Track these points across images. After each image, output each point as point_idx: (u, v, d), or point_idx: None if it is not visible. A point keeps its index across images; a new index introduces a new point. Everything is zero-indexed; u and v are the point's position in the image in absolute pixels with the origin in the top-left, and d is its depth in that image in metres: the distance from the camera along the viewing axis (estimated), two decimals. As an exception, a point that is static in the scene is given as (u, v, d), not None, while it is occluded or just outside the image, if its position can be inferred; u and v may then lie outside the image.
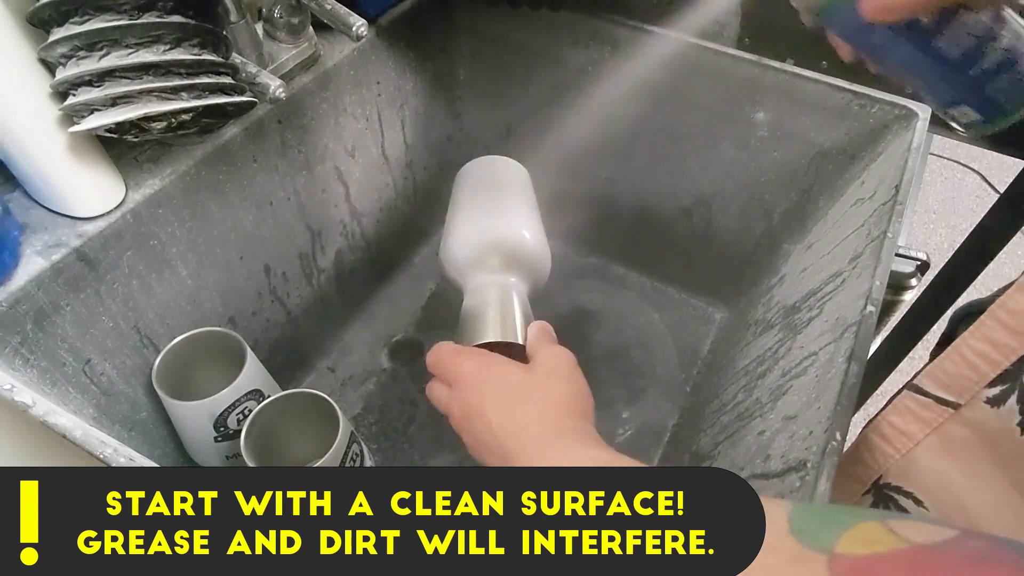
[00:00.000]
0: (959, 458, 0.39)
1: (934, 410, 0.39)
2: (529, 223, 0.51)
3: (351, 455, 0.46)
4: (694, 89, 0.59)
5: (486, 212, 0.51)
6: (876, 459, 0.43)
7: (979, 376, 0.37)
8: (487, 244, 0.48)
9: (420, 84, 0.65)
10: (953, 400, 0.38)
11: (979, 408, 0.37)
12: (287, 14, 0.49)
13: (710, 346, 0.67)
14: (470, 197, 0.54)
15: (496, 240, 0.48)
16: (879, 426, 0.43)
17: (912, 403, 0.40)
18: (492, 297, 0.45)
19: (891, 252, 0.43)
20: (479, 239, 0.49)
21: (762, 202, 0.62)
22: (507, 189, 0.54)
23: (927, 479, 0.40)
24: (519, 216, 0.51)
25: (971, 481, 0.38)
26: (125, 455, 0.32)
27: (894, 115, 0.52)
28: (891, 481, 0.42)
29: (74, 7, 0.35)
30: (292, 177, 0.54)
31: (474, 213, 0.52)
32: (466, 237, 0.49)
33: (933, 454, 0.40)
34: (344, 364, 0.65)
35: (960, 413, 0.38)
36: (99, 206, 0.41)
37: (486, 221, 0.50)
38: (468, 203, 0.53)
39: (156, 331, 0.46)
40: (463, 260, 0.48)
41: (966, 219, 1.60)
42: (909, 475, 0.41)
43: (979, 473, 0.38)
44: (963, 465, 0.39)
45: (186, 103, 0.39)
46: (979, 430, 0.38)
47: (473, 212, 0.52)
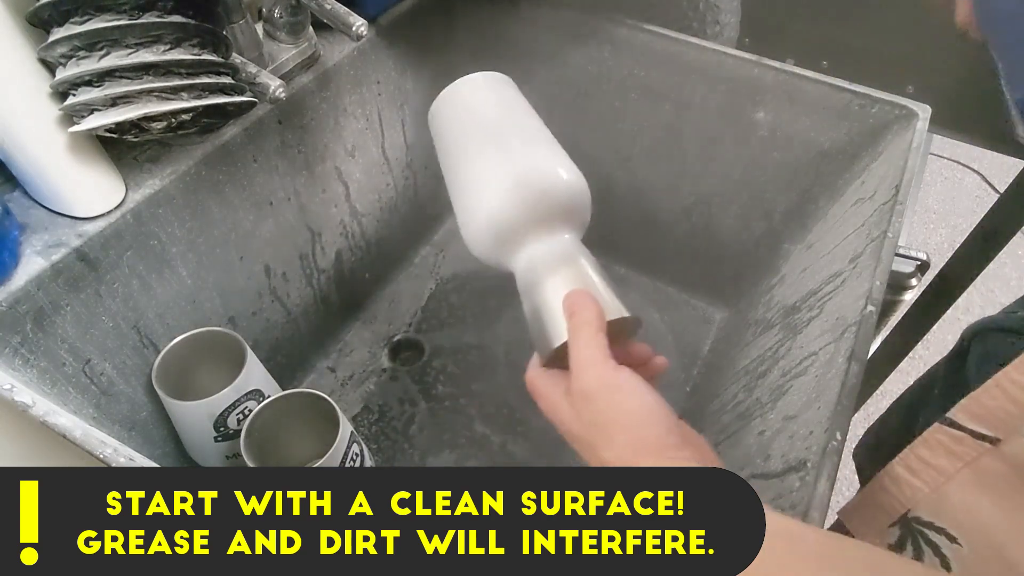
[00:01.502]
0: (996, 494, 0.38)
1: (968, 444, 0.38)
2: (556, 154, 0.39)
3: (351, 455, 0.46)
4: (694, 89, 0.59)
5: (499, 163, 0.38)
6: (903, 492, 0.42)
7: (1020, 411, 0.36)
8: (526, 206, 0.36)
9: (420, 84, 0.65)
10: (991, 435, 0.38)
11: (1019, 443, 0.36)
12: (287, 14, 0.49)
13: (710, 346, 0.67)
14: (465, 146, 0.41)
15: (535, 196, 0.36)
16: (907, 459, 0.42)
17: (944, 437, 0.39)
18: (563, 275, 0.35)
19: (891, 252, 0.43)
20: (512, 203, 0.36)
21: (762, 202, 0.62)
22: (508, 117, 0.41)
23: (960, 515, 0.39)
24: (543, 149, 0.39)
25: (1009, 517, 0.37)
26: (125, 455, 0.32)
27: (894, 115, 0.52)
28: (921, 515, 0.41)
29: (74, 7, 0.35)
30: (292, 177, 0.54)
31: (484, 168, 0.38)
32: (490, 203, 0.37)
33: (966, 489, 0.39)
34: (344, 364, 0.65)
35: (998, 448, 0.37)
36: (99, 206, 0.41)
37: (505, 172, 0.37)
38: (468, 155, 0.40)
39: (156, 331, 0.46)
40: (498, 234, 0.37)
41: (966, 219, 1.60)
42: (941, 510, 0.40)
43: (1018, 508, 0.37)
44: (1000, 501, 0.38)
45: (186, 103, 0.39)
46: (1018, 465, 0.37)
47: (482, 167, 0.39)
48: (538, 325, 0.34)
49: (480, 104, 0.42)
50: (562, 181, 0.37)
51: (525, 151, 0.38)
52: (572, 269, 0.35)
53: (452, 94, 0.42)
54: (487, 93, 0.42)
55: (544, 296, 0.34)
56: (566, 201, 0.37)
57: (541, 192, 0.36)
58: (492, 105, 0.42)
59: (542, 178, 0.37)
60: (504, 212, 0.36)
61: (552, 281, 0.35)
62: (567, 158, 0.39)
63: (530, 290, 0.36)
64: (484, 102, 0.42)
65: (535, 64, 0.64)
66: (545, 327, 0.34)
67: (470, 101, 0.42)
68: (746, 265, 0.66)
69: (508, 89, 0.43)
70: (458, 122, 0.41)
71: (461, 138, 0.41)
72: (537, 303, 0.35)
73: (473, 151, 0.39)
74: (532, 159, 0.38)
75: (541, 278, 0.35)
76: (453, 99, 0.42)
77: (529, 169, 0.37)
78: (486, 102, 0.42)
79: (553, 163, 0.38)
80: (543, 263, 0.36)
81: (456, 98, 0.42)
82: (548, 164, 0.38)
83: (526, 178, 0.36)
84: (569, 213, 0.37)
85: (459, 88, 0.42)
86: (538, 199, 0.36)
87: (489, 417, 0.61)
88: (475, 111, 0.41)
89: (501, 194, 0.36)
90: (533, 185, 0.36)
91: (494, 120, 0.41)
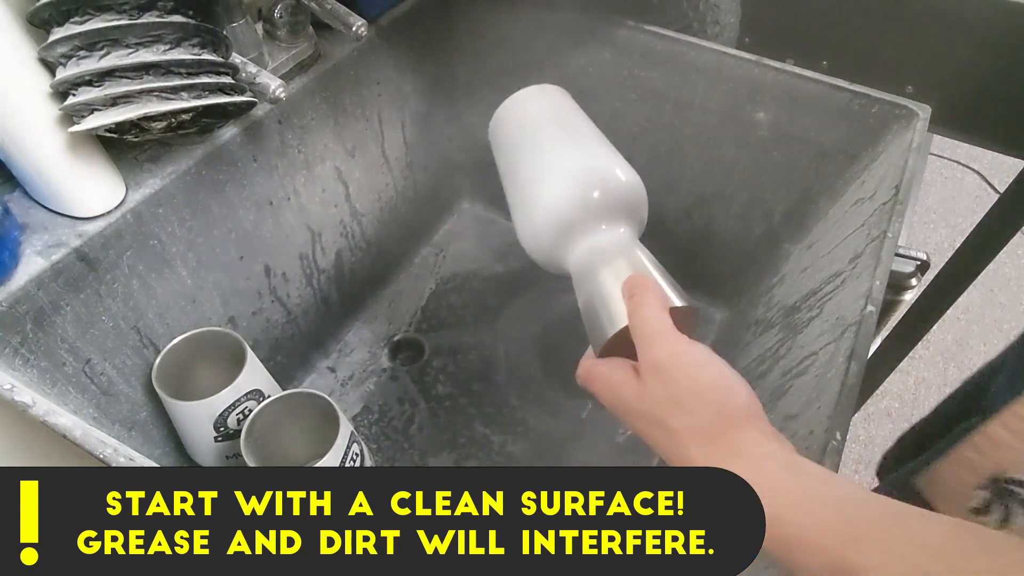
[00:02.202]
0: None
1: None
2: (612, 154, 0.42)
3: (351, 455, 0.46)
4: (694, 89, 0.59)
5: (560, 161, 0.41)
6: (999, 453, 0.40)
7: None
8: (584, 199, 0.38)
9: (420, 84, 0.65)
10: None
11: None
12: (287, 14, 0.49)
13: (710, 346, 0.67)
14: (526, 149, 0.43)
15: (593, 191, 0.38)
16: (1006, 420, 0.40)
17: None
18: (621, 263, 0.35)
19: (891, 252, 0.43)
20: (571, 197, 0.38)
21: (762, 202, 0.62)
22: (566, 123, 0.44)
23: None
24: (600, 150, 0.42)
25: None
26: (125, 455, 0.32)
27: (894, 115, 0.52)
28: (1015, 475, 0.39)
29: (74, 7, 0.35)
30: (292, 177, 0.54)
31: (545, 168, 0.41)
32: (552, 201, 0.39)
33: None
34: (344, 364, 0.65)
35: None
36: (99, 206, 0.41)
37: (568, 170, 0.40)
38: (528, 157, 0.42)
39: (156, 331, 0.46)
40: (557, 227, 0.38)
41: (966, 219, 1.60)
42: None
43: None
44: None
45: (186, 103, 0.39)
46: None
47: (542, 168, 0.41)
48: (593, 313, 0.34)
49: (544, 110, 0.45)
50: (617, 177, 0.39)
51: (586, 150, 0.41)
52: (629, 259, 0.36)
53: (517, 102, 0.46)
54: (546, 102, 0.46)
55: (601, 282, 0.35)
56: (622, 196, 0.39)
57: (599, 186, 0.38)
58: (551, 112, 0.45)
59: (600, 174, 0.39)
60: (563, 205, 0.38)
61: (610, 268, 0.35)
62: (623, 159, 0.41)
63: (586, 279, 0.36)
64: (544, 110, 0.45)
65: (535, 65, 0.64)
66: (602, 313, 0.33)
67: (531, 109, 0.46)
68: (746, 265, 0.66)
69: (565, 99, 0.47)
70: (519, 129, 0.45)
71: (527, 140, 0.43)
72: (593, 290, 0.35)
73: (538, 150, 0.42)
74: (590, 158, 0.40)
75: (598, 267, 0.36)
76: (515, 108, 0.46)
77: (588, 166, 0.40)
78: (546, 110, 0.45)
79: (609, 161, 0.40)
80: (600, 254, 0.37)
81: (517, 107, 0.46)
82: (604, 161, 0.40)
83: (585, 174, 0.39)
84: (625, 209, 0.39)
85: (522, 96, 0.46)
86: (597, 193, 0.38)
87: (489, 417, 0.61)
88: (536, 118, 0.45)
89: (561, 189, 0.38)
90: (592, 179, 0.39)
91: (558, 124, 0.44)
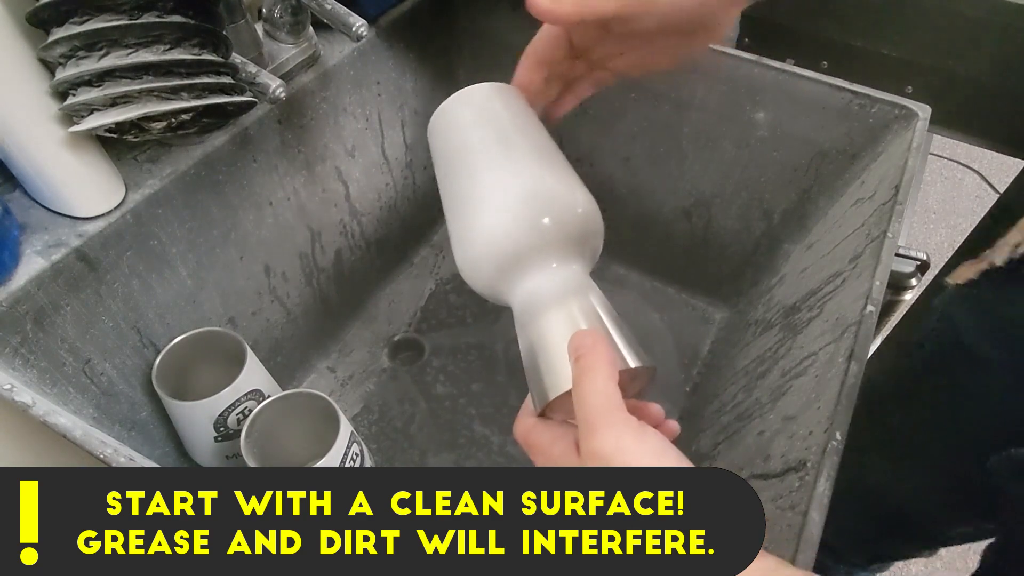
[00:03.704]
0: None
1: None
2: (568, 175, 0.34)
3: (351, 455, 0.46)
4: (694, 89, 0.59)
5: (500, 182, 0.33)
6: None
7: None
8: (529, 230, 0.31)
9: (420, 84, 0.65)
10: None
11: None
12: (287, 14, 0.49)
13: (710, 346, 0.67)
14: (466, 162, 0.35)
15: (539, 220, 0.31)
16: None
17: None
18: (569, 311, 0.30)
19: (891, 252, 0.43)
20: (513, 227, 0.31)
21: (762, 202, 0.62)
22: (511, 132, 0.35)
23: None
24: (550, 170, 0.34)
25: None
26: (125, 455, 0.32)
27: (894, 115, 0.52)
28: None
29: (74, 7, 0.35)
30: (292, 177, 0.54)
31: (487, 186, 0.33)
32: (491, 232, 0.32)
33: None
34: (344, 364, 0.65)
35: None
36: (99, 206, 0.41)
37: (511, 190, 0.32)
38: (464, 174, 0.35)
39: (156, 331, 0.46)
40: (498, 259, 0.32)
41: (966, 219, 1.60)
42: None
43: None
44: None
45: (186, 103, 0.39)
46: None
47: (481, 189, 0.34)
48: (534, 367, 0.29)
49: (485, 117, 0.36)
50: (574, 204, 0.32)
51: (534, 169, 0.33)
52: (579, 305, 0.30)
53: (455, 105, 0.37)
54: (493, 105, 0.36)
55: (545, 333, 0.29)
56: (579, 227, 0.32)
57: (550, 214, 0.31)
58: (498, 119, 0.36)
59: (552, 199, 0.32)
60: (507, 235, 0.31)
61: (555, 317, 0.30)
62: (579, 180, 0.35)
63: (529, 325, 0.31)
64: (489, 115, 0.36)
65: (535, 64, 0.64)
66: (544, 371, 0.29)
67: (474, 113, 0.36)
68: (746, 265, 0.66)
69: (517, 102, 0.37)
70: (460, 136, 0.36)
71: (462, 153, 0.35)
72: (536, 341, 0.30)
73: (475, 168, 0.34)
74: (542, 178, 0.33)
75: (543, 312, 0.30)
76: (455, 110, 0.37)
77: (538, 188, 0.32)
78: (492, 115, 0.36)
79: (565, 184, 0.33)
80: (547, 296, 0.31)
81: (459, 109, 0.37)
82: (559, 185, 0.33)
83: (535, 198, 0.32)
84: (580, 241, 0.33)
85: (462, 98, 0.37)
86: (547, 222, 0.31)
87: (489, 417, 0.61)
88: (479, 124, 0.36)
89: (505, 214, 0.32)
90: (541, 206, 0.31)
91: (500, 135, 0.35)
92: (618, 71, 0.38)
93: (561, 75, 0.38)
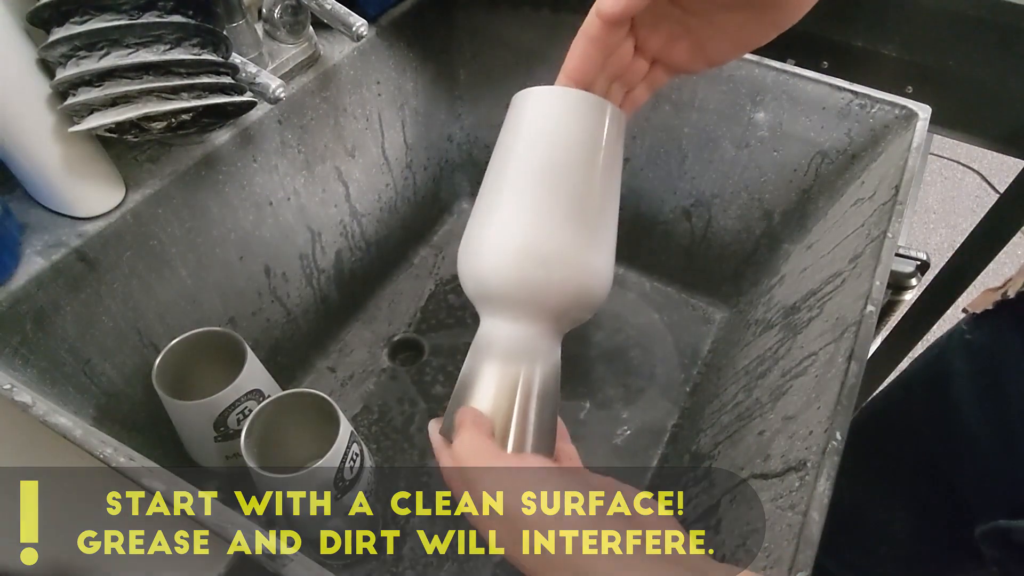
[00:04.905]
0: None
1: None
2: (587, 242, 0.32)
3: (351, 455, 0.46)
4: (694, 89, 0.59)
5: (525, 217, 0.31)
6: None
7: None
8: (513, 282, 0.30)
9: (420, 84, 0.65)
10: None
11: None
12: (287, 14, 0.49)
13: (710, 346, 0.67)
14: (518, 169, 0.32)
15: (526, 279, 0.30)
16: None
17: None
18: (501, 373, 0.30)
19: (891, 252, 0.43)
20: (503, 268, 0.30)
21: (762, 202, 0.62)
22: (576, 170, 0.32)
23: None
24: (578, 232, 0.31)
25: None
26: (125, 455, 0.32)
27: (894, 115, 0.52)
28: None
29: (74, 7, 0.35)
30: (292, 177, 0.54)
31: (509, 211, 0.31)
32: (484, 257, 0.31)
33: None
34: (344, 364, 0.65)
35: None
36: (99, 206, 0.41)
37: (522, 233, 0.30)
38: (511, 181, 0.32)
39: (156, 331, 0.46)
40: (476, 288, 0.32)
41: (966, 219, 1.60)
42: None
43: None
44: None
45: (186, 103, 0.39)
46: None
47: (507, 209, 0.31)
48: (459, 393, 0.31)
49: (564, 131, 0.32)
50: (572, 280, 0.31)
51: (560, 222, 0.30)
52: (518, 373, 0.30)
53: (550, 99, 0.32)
54: (584, 123, 0.32)
55: (476, 379, 0.31)
56: (567, 303, 0.31)
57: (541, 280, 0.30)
58: (575, 143, 0.32)
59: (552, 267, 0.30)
60: (494, 271, 0.30)
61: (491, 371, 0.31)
62: (606, 250, 0.33)
63: (474, 355, 0.32)
64: (569, 133, 0.32)
65: (535, 65, 0.64)
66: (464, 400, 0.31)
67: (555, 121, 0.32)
68: (746, 265, 0.66)
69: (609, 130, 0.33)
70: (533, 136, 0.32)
71: (522, 156, 0.32)
72: (467, 376, 0.31)
73: (516, 184, 0.31)
74: (561, 240, 0.30)
75: (486, 357, 0.31)
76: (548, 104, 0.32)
77: (546, 249, 0.30)
78: (571, 135, 0.32)
79: (577, 253, 0.31)
80: (500, 344, 0.31)
81: (550, 107, 0.32)
82: (572, 253, 0.30)
83: (536, 256, 0.30)
84: (560, 314, 0.31)
85: (559, 97, 0.32)
86: (535, 283, 0.30)
87: (489, 417, 0.61)
88: (555, 135, 0.32)
89: (502, 254, 0.30)
90: (537, 267, 0.30)
91: (564, 165, 0.31)
92: (676, 65, 0.34)
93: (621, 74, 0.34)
